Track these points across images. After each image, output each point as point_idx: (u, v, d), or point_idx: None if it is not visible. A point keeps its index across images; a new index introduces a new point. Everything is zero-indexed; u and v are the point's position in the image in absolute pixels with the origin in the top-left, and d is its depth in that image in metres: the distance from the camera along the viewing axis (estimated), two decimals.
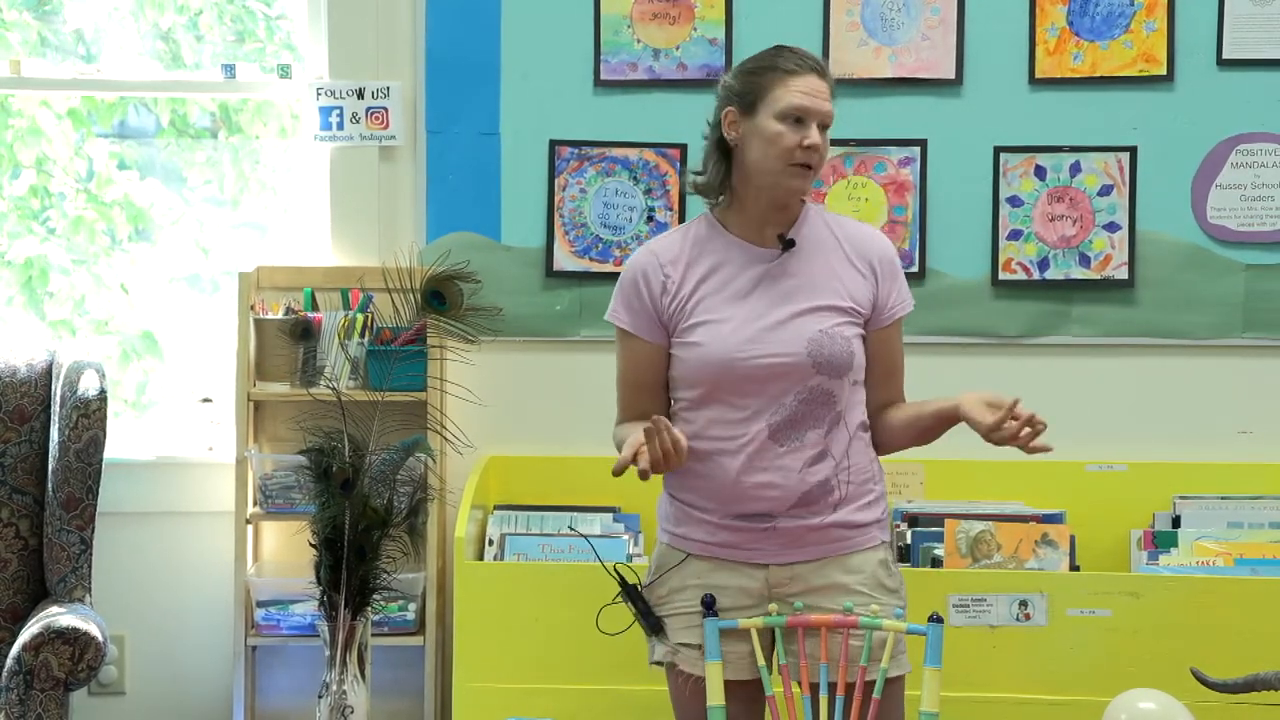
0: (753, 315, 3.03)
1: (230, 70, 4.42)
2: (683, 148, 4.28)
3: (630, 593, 3.10)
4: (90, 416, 4.00)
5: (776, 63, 3.00)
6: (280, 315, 4.20)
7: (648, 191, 4.32)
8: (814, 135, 2.97)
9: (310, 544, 2.94)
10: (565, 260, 4.33)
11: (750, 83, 3.01)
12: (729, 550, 3.06)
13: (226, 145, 4.63)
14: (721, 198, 3.11)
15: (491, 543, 4.08)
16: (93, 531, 4.05)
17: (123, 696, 4.46)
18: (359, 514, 2.88)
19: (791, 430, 3.01)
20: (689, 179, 3.15)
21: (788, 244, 3.04)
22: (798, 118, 2.97)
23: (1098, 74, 4.27)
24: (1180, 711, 2.92)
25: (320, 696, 2.88)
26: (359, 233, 4.35)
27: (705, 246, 3.09)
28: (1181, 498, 4.19)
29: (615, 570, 3.10)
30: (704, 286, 3.07)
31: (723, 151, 3.07)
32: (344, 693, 2.86)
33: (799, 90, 2.97)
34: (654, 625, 3.10)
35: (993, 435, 2.94)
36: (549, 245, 4.33)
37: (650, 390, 3.11)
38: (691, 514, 3.08)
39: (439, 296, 3.00)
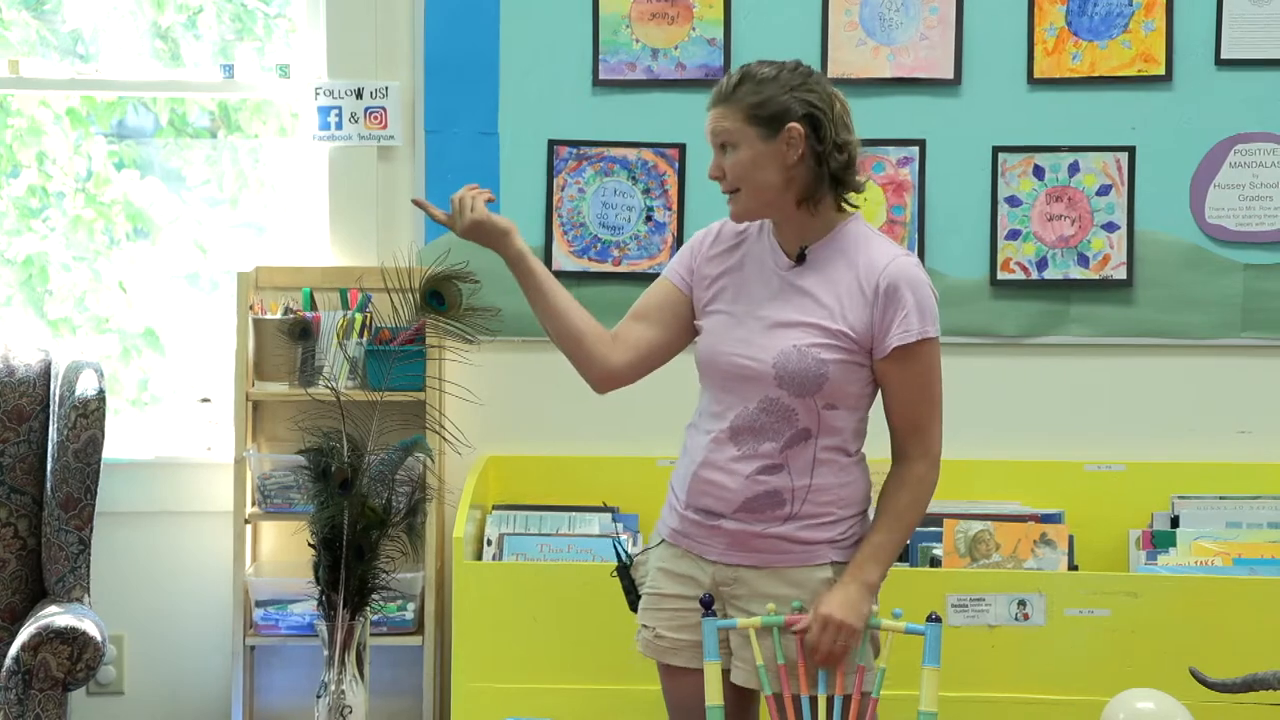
0: (748, 317, 3.04)
1: (229, 70, 4.42)
2: (681, 147, 4.28)
3: (620, 571, 3.18)
4: (89, 416, 4.00)
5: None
6: (279, 315, 4.20)
7: (646, 191, 4.32)
8: (711, 166, 3.03)
9: (309, 544, 2.94)
10: (564, 260, 4.33)
11: None
12: (686, 540, 3.09)
13: (225, 144, 4.63)
14: None
15: (490, 543, 4.08)
16: (91, 531, 4.05)
17: (121, 696, 4.46)
18: (357, 514, 2.89)
19: (750, 437, 3.01)
20: None
21: (799, 257, 3.05)
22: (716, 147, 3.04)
23: (1096, 74, 4.28)
24: (1179, 711, 2.92)
25: (319, 696, 2.88)
26: (358, 232, 4.35)
27: (751, 241, 3.11)
28: (1180, 497, 4.19)
29: (614, 546, 3.20)
30: (726, 278, 3.09)
31: None
32: (342, 692, 2.86)
33: (707, 125, 3.04)
34: (633, 604, 3.17)
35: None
36: (547, 245, 4.33)
37: (641, 316, 3.14)
38: (672, 500, 3.14)
39: (438, 296, 3.00)
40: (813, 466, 3.02)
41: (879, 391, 3.08)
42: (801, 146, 2.98)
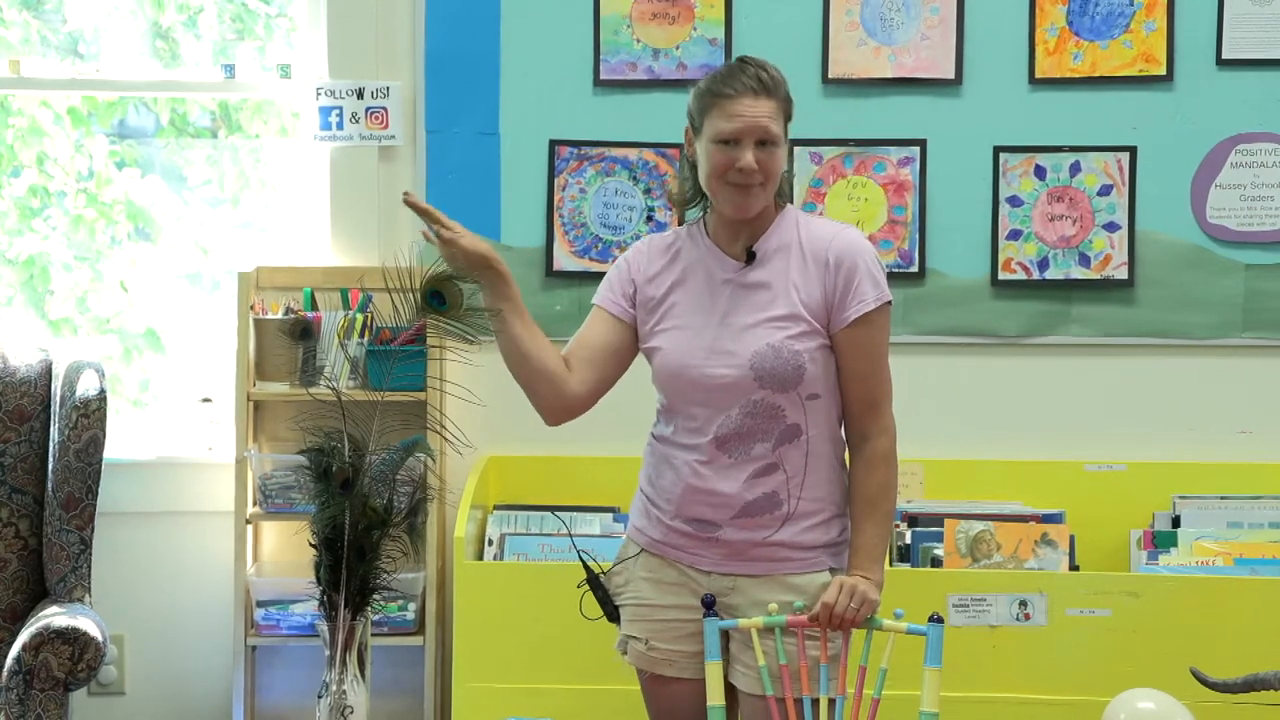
0: (709, 326, 3.03)
1: (230, 70, 4.42)
2: (682, 148, 4.27)
3: (592, 580, 3.15)
4: (90, 416, 4.00)
5: (720, 87, 3.00)
6: (280, 315, 4.20)
7: (647, 191, 4.32)
8: (746, 158, 2.97)
9: (310, 544, 2.94)
10: (565, 260, 4.33)
11: (698, 105, 3.04)
12: (674, 552, 3.08)
13: (226, 144, 4.63)
14: (699, 208, 3.14)
15: (491, 542, 4.08)
16: (92, 531, 4.05)
17: (122, 697, 4.46)
18: (359, 514, 2.88)
19: (738, 442, 3.01)
20: (667, 188, 3.19)
21: (749, 256, 3.05)
22: (731, 140, 2.98)
23: (1097, 74, 4.28)
24: (1180, 711, 2.92)
25: (320, 696, 2.88)
26: (359, 232, 4.35)
27: (686, 251, 3.11)
28: (1181, 497, 4.19)
29: (581, 557, 3.16)
30: (675, 292, 3.08)
31: (692, 165, 3.11)
32: (344, 692, 2.86)
33: (732, 114, 2.97)
34: (612, 613, 3.15)
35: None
36: (548, 245, 4.33)
37: (585, 344, 3.11)
38: (651, 510, 3.12)
39: (439, 296, 2.99)
40: (806, 461, 3.02)
41: None
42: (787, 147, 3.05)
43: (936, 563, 3.96)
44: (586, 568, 3.16)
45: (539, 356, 3.06)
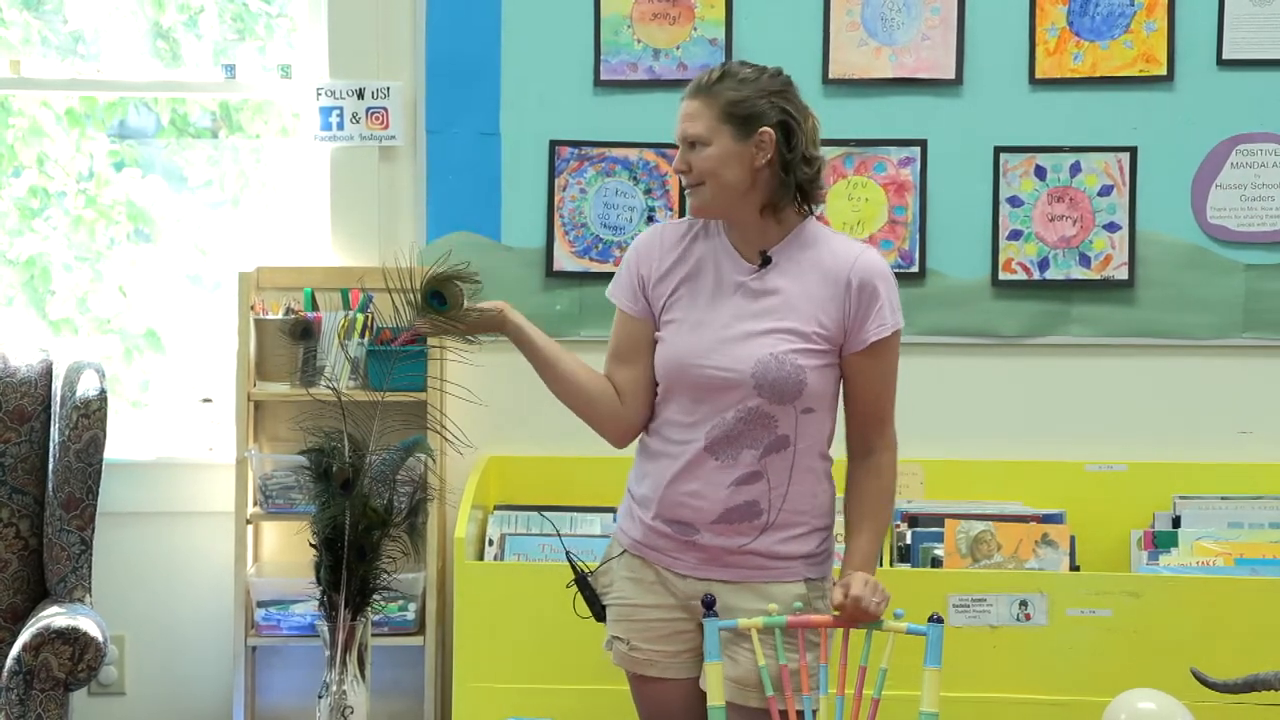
0: (717, 324, 3.02)
1: (230, 70, 4.42)
2: None
3: (579, 580, 3.16)
4: (90, 416, 4.00)
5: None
6: (280, 315, 4.20)
7: (648, 192, 4.32)
8: (677, 160, 3.04)
9: (310, 544, 2.95)
10: (565, 260, 4.33)
11: None
12: (653, 553, 3.08)
13: (227, 145, 4.63)
14: None
15: (491, 543, 4.08)
16: (93, 532, 4.05)
17: (123, 697, 4.46)
18: (359, 514, 2.89)
19: (727, 446, 3.00)
20: None
21: (765, 260, 3.04)
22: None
23: (1098, 74, 4.27)
24: (1180, 711, 2.93)
25: (320, 696, 2.88)
26: (359, 233, 4.35)
27: (700, 245, 3.10)
28: (1182, 498, 4.19)
29: (568, 556, 3.16)
30: (685, 285, 3.08)
31: None
32: (344, 693, 2.86)
33: (679, 117, 3.05)
34: (599, 613, 3.16)
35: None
36: (549, 245, 4.33)
37: (623, 359, 3.12)
38: (634, 510, 3.12)
39: (439, 296, 3.00)
40: (791, 473, 3.02)
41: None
42: (771, 152, 3.00)
43: (936, 563, 3.96)
44: (574, 567, 3.16)
45: (580, 392, 3.10)
